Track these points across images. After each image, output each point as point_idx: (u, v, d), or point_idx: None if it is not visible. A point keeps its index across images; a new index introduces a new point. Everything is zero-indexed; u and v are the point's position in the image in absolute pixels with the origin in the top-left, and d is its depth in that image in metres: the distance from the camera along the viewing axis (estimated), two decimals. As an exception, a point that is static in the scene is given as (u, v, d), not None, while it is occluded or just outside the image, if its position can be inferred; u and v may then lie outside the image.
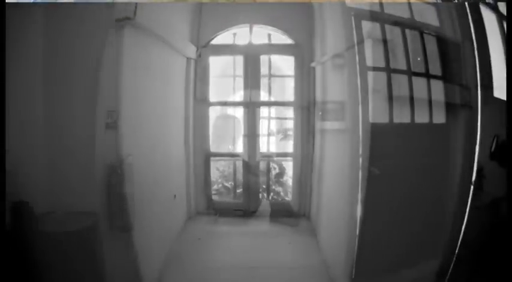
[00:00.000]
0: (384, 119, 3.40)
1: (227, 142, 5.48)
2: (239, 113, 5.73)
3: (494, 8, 3.85)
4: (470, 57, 3.40)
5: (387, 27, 3.37)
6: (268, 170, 5.64)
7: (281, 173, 5.62)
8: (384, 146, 3.35)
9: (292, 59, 5.91)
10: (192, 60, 5.61)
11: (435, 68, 3.49)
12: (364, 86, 3.29)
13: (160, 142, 4.48)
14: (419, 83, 3.45)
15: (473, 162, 3.48)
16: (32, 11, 3.08)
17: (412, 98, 3.44)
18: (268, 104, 5.93)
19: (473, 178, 3.49)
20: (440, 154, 3.52)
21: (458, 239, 3.51)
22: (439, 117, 3.56)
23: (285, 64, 5.95)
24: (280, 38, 5.92)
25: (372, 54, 3.34)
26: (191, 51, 5.48)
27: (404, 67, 3.45)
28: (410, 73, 3.44)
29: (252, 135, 5.63)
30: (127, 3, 3.42)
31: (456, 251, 3.56)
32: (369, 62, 3.32)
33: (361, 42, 3.30)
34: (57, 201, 3.10)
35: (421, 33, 3.44)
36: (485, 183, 3.56)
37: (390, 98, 3.40)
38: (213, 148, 5.52)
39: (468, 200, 3.52)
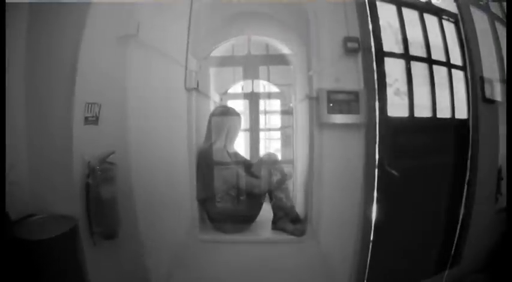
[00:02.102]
0: (403, 113, 2.83)
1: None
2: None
3: (485, 9, 3.36)
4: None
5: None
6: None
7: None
8: (404, 142, 2.77)
9: (291, 69, 5.46)
10: (193, 72, 5.14)
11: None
12: (381, 75, 2.72)
13: (159, 144, 4.02)
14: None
15: (467, 161, 2.94)
16: (15, 9, 2.73)
17: (433, 90, 2.88)
18: (269, 112, 5.47)
19: (467, 177, 2.95)
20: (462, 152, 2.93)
21: (480, 243, 2.91)
22: (461, 112, 3.00)
23: (285, 72, 5.55)
24: (278, 48, 5.50)
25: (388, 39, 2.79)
26: (192, 63, 5.05)
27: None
28: (431, 61, 2.89)
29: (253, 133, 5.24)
30: (130, 20, 3.18)
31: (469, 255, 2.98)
32: (386, 48, 2.76)
33: (376, 25, 2.74)
34: (35, 205, 2.56)
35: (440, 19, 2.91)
36: (503, 185, 3.00)
37: (410, 89, 2.84)
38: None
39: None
